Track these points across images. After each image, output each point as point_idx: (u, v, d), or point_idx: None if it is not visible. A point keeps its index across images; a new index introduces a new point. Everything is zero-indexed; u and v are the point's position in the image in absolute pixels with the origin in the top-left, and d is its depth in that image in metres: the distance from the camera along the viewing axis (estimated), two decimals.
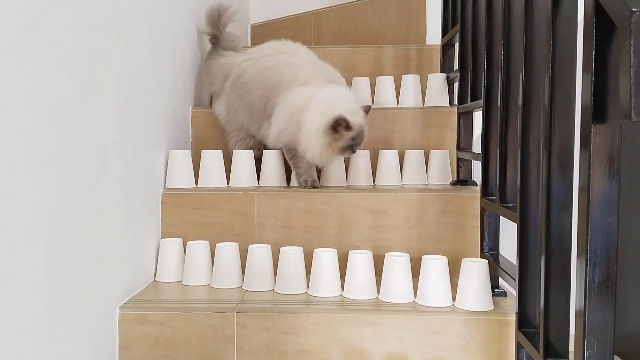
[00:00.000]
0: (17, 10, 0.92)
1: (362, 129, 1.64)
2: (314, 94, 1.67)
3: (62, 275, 1.07)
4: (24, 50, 0.94)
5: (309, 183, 1.68)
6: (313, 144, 1.63)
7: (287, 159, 1.74)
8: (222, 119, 1.91)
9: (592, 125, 0.80)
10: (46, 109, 1.01)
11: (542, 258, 1.00)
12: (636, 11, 0.67)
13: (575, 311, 0.86)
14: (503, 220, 1.40)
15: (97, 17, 1.22)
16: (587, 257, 0.82)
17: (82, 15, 1.15)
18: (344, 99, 1.67)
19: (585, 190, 0.82)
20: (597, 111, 0.80)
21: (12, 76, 0.91)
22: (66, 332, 1.09)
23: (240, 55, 1.94)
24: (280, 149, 1.75)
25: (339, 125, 1.60)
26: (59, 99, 1.06)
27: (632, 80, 0.67)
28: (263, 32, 3.01)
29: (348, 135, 1.61)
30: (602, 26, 0.79)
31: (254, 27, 3.06)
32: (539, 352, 1.02)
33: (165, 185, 1.70)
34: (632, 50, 0.67)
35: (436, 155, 1.85)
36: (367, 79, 2.14)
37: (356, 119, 1.62)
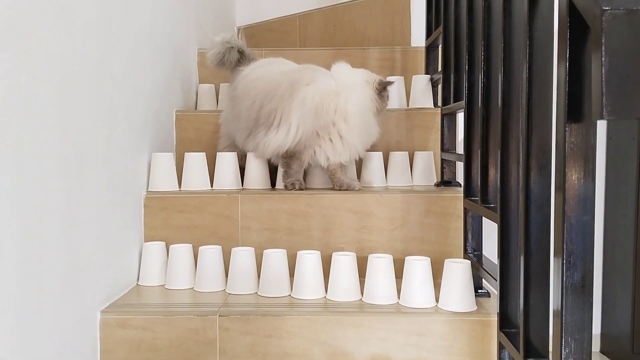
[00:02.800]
0: None
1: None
2: (335, 88, 1.65)
3: (38, 279, 1.06)
4: None
5: (296, 185, 1.68)
6: (368, 121, 1.67)
7: (280, 162, 1.71)
8: (220, 122, 1.91)
9: (567, 125, 0.80)
10: (21, 109, 1.00)
11: (522, 258, 1.01)
12: (607, 10, 0.67)
13: (553, 311, 0.86)
14: (487, 221, 1.40)
15: (75, 18, 1.21)
16: (563, 256, 0.82)
17: (58, 17, 1.14)
18: (356, 71, 1.71)
19: (560, 189, 0.82)
20: (572, 111, 0.80)
21: None
22: (44, 337, 1.08)
23: (246, 69, 1.87)
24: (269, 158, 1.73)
25: (384, 88, 1.67)
26: (34, 98, 1.05)
27: (603, 79, 0.67)
28: (249, 35, 2.99)
29: (386, 94, 1.70)
30: (576, 26, 0.79)
31: (240, 30, 3.05)
32: (519, 352, 1.02)
33: (148, 188, 1.69)
34: (603, 49, 0.67)
35: (420, 157, 1.86)
36: None
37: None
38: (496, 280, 1.16)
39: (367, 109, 1.66)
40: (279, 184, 1.74)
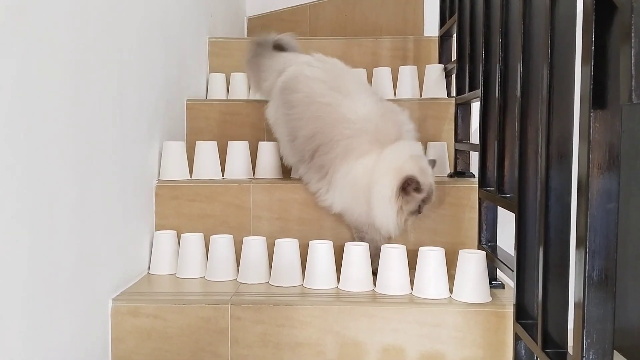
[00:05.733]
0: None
1: (432, 190, 1.44)
2: (376, 161, 1.45)
3: (50, 267, 1.05)
4: (7, 42, 0.92)
5: None
6: (388, 213, 1.43)
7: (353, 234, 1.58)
8: (272, 124, 1.71)
9: (592, 111, 0.78)
10: (33, 99, 0.99)
11: (541, 248, 0.99)
12: None
13: (574, 302, 0.84)
14: (501, 212, 1.38)
15: (85, 6, 1.20)
16: (586, 245, 0.80)
17: (69, 5, 1.12)
18: (409, 156, 1.45)
19: (584, 177, 0.80)
20: (597, 96, 0.78)
21: None
22: (56, 325, 1.07)
23: (301, 57, 1.70)
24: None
25: (408, 185, 1.41)
26: (46, 87, 1.03)
27: (633, 62, 0.65)
28: (260, 25, 2.99)
29: (418, 197, 1.42)
30: (602, 8, 0.77)
31: (251, 20, 3.04)
32: (537, 343, 1.00)
33: (159, 177, 1.68)
34: (633, 30, 0.65)
35: (434, 147, 1.83)
36: (364, 70, 2.11)
37: (426, 178, 1.43)
38: (512, 271, 1.15)
39: (384, 203, 1.43)
40: (294, 174, 1.73)
